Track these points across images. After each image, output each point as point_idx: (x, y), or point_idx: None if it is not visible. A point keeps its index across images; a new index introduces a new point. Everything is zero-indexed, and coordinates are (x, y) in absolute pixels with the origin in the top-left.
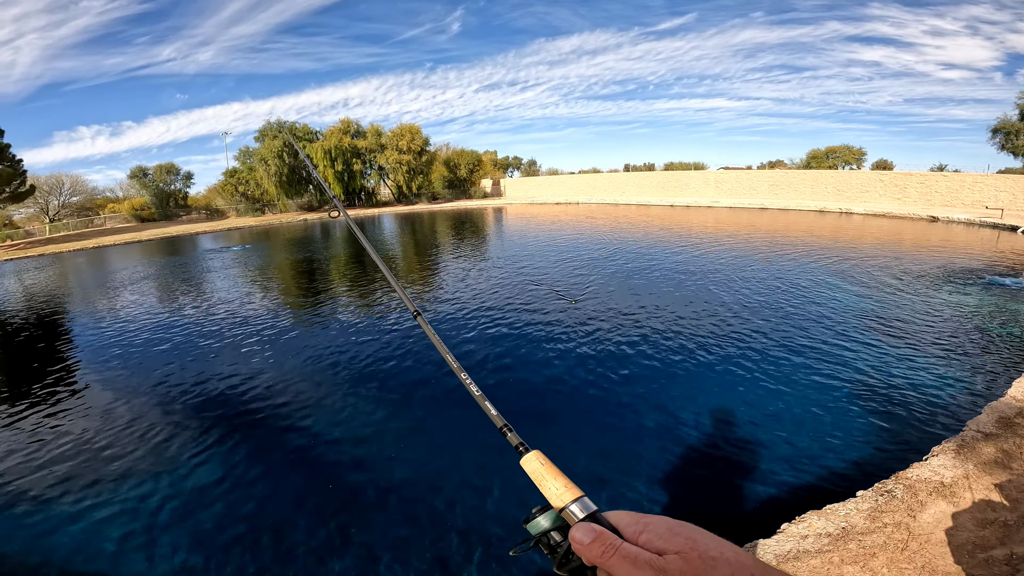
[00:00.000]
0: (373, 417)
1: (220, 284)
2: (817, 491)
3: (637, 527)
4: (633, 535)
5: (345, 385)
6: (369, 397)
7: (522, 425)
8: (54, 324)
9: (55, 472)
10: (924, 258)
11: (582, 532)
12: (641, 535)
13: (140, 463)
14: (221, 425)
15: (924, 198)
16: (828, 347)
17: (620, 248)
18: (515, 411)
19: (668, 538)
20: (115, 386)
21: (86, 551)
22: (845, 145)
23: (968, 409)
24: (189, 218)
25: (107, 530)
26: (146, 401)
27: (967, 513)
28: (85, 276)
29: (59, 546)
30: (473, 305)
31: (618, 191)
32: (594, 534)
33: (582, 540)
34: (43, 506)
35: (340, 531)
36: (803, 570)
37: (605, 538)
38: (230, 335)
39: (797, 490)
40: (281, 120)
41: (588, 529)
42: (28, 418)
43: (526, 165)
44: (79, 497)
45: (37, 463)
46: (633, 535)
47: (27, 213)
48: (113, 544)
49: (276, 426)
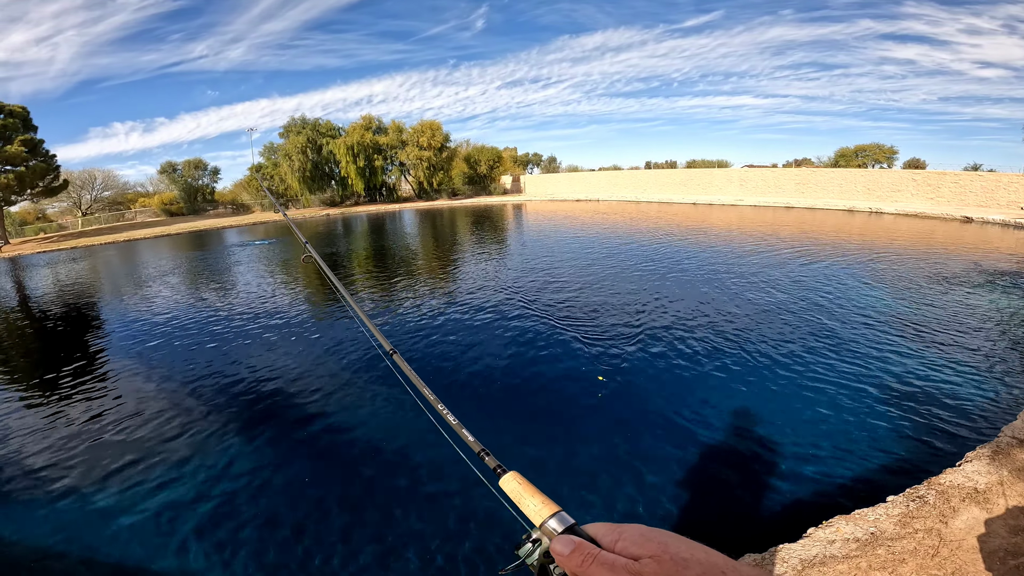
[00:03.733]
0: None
1: (246, 278)
2: (846, 496)
3: (613, 536)
4: (610, 544)
5: (367, 378)
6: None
7: (543, 422)
8: (84, 314)
9: (83, 460)
10: (958, 260)
11: (562, 544)
12: (617, 543)
13: (165, 450)
14: (246, 415)
15: (958, 198)
16: (858, 350)
17: (645, 246)
18: (534, 409)
19: (642, 543)
20: (144, 375)
21: (118, 538)
22: (876, 144)
23: (1004, 414)
24: (216, 213)
25: (135, 518)
26: (175, 390)
27: (1000, 520)
28: (115, 268)
29: (87, 533)
30: (492, 299)
31: (639, 188)
32: (573, 545)
33: (562, 552)
34: (72, 494)
35: (362, 522)
36: None
37: (584, 548)
38: (255, 327)
39: (825, 495)
40: (305, 116)
41: (567, 541)
42: (57, 404)
43: (546, 162)
44: (106, 486)
45: (68, 449)
46: (610, 544)
47: (60, 207)
48: (139, 530)
49: (298, 416)
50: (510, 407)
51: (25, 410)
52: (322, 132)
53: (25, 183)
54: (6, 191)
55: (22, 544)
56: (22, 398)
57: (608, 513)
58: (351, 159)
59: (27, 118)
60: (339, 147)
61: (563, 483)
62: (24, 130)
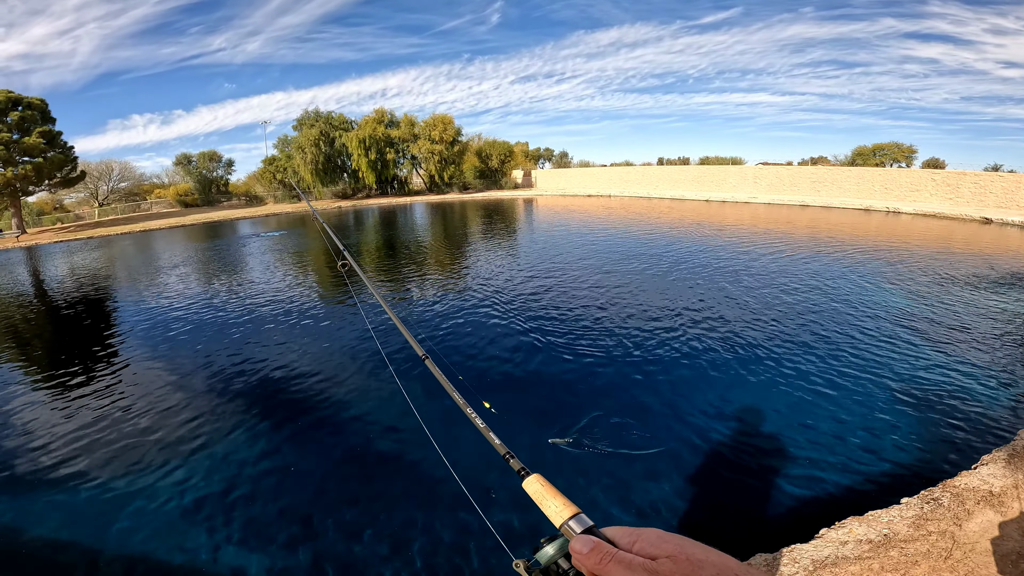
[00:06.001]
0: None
1: (258, 268)
2: (859, 498)
3: (630, 538)
4: (627, 545)
5: (377, 368)
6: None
7: (554, 416)
8: (98, 302)
9: (99, 449)
10: (976, 261)
11: (581, 543)
12: (635, 544)
13: (179, 439)
14: (260, 403)
15: (977, 199)
16: (873, 351)
17: (657, 244)
18: (546, 401)
19: (659, 544)
20: (158, 363)
21: (132, 526)
22: (894, 142)
23: (1020, 418)
24: (230, 204)
25: (151, 506)
26: (189, 379)
27: (1014, 523)
28: (130, 258)
29: (104, 522)
30: (504, 289)
31: (651, 184)
32: (592, 544)
33: (581, 550)
34: (87, 483)
35: (373, 513)
36: None
37: (602, 547)
38: (267, 317)
39: (838, 496)
40: (319, 110)
41: (586, 540)
42: (72, 392)
43: (557, 157)
44: (120, 475)
45: (83, 438)
46: (627, 545)
47: (77, 198)
48: (154, 519)
49: (307, 406)
50: (510, 401)
51: (40, 396)
52: (335, 125)
53: (43, 174)
54: (24, 182)
55: (30, 533)
56: (37, 384)
57: (616, 510)
58: (363, 152)
59: (45, 110)
60: (351, 140)
61: (572, 480)
62: (42, 122)
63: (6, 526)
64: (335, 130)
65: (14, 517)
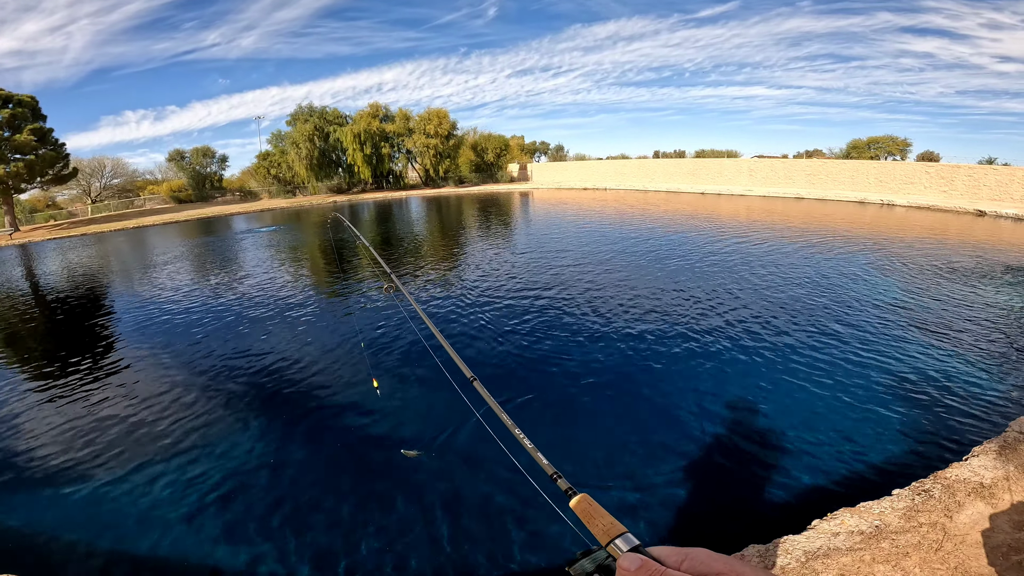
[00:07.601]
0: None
1: (252, 264)
2: (851, 489)
3: (678, 557)
4: (675, 564)
5: (384, 364)
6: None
7: (546, 415)
8: (92, 300)
9: (98, 446)
10: (969, 253)
11: (629, 561)
12: (683, 563)
13: (178, 434)
14: (257, 400)
15: (972, 191)
16: (866, 342)
17: (650, 236)
18: (534, 396)
19: (709, 564)
20: (154, 360)
21: (133, 523)
22: (889, 136)
23: (1011, 409)
24: (224, 200)
25: (149, 502)
26: (185, 376)
27: (1005, 515)
28: (125, 255)
29: (105, 518)
30: (497, 286)
31: (647, 177)
32: (640, 562)
33: (629, 568)
34: (87, 479)
35: (370, 510)
36: (833, 568)
37: (650, 565)
38: (263, 313)
39: (830, 487)
40: (313, 105)
41: (634, 558)
42: (69, 390)
43: (553, 150)
44: (119, 470)
45: (79, 436)
46: (675, 564)
47: (70, 195)
48: (153, 514)
49: (306, 401)
50: (507, 393)
51: (34, 394)
52: (329, 120)
53: (35, 171)
54: (16, 179)
55: (28, 531)
56: (32, 382)
57: (613, 503)
58: (358, 147)
59: (36, 107)
60: (346, 135)
61: (564, 471)
62: (33, 119)
63: (2, 525)
64: (329, 125)
65: (11, 516)
